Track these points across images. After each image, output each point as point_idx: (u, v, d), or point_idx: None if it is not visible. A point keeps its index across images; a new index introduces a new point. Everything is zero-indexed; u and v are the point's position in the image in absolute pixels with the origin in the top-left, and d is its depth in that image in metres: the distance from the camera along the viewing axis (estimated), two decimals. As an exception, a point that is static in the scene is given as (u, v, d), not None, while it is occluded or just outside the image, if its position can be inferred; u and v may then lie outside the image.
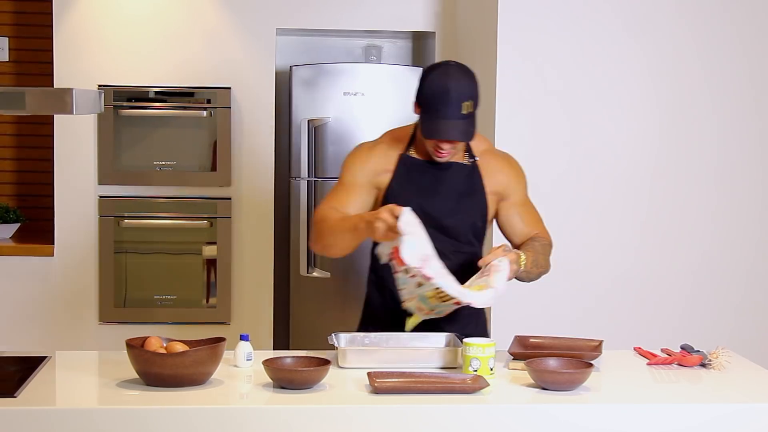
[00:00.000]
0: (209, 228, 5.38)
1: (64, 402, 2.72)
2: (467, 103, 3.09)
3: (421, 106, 3.14)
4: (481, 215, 3.26)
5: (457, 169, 3.25)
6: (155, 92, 5.33)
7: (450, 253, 3.22)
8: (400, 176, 3.25)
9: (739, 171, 4.63)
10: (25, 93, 2.78)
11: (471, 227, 3.25)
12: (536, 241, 3.25)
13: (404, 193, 3.23)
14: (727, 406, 2.70)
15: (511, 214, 3.30)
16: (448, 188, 3.24)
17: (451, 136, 3.10)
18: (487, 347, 2.88)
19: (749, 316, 4.67)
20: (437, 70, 3.14)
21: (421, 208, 3.18)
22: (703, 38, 4.57)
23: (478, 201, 3.25)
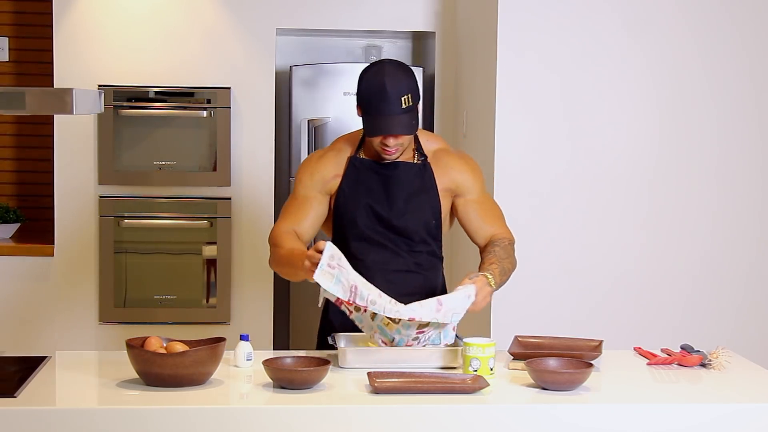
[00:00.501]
0: (209, 228, 5.38)
1: (64, 402, 2.72)
2: (405, 97, 3.13)
3: (361, 106, 3.18)
4: (433, 213, 3.26)
5: (407, 169, 3.26)
6: (155, 92, 5.33)
7: (404, 253, 3.26)
8: (350, 179, 3.27)
9: (740, 171, 4.63)
10: (25, 93, 2.78)
11: (424, 226, 3.26)
12: (497, 246, 3.25)
13: (354, 195, 3.26)
14: (727, 406, 2.70)
15: (469, 211, 3.31)
16: (398, 188, 3.26)
17: (394, 131, 3.12)
18: (487, 347, 2.88)
19: (749, 317, 4.67)
20: (372, 70, 3.18)
21: (371, 209, 3.24)
22: (704, 37, 4.56)
23: (430, 199, 3.26)
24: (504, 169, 4.51)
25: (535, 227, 4.53)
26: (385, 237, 3.24)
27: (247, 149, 5.40)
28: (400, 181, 3.25)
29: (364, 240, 3.26)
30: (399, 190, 3.25)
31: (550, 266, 4.57)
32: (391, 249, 3.25)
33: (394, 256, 3.26)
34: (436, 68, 5.53)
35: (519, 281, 4.54)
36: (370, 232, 3.25)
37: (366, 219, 3.25)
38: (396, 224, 3.25)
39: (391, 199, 3.25)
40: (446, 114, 5.54)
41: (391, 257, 3.26)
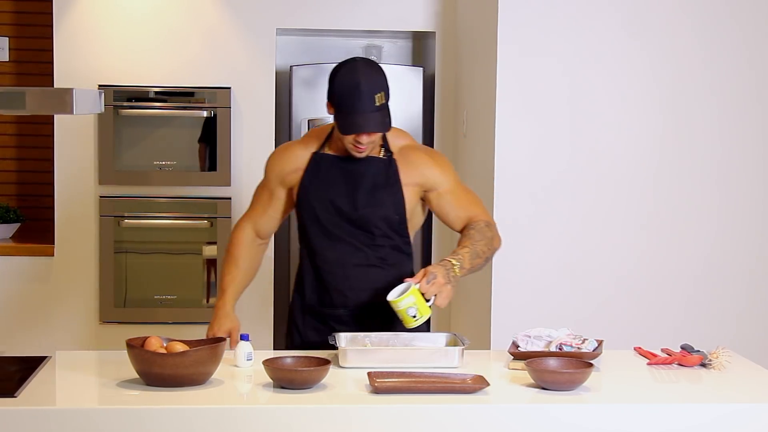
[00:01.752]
0: (209, 228, 5.38)
1: (64, 402, 2.72)
2: (379, 95, 3.14)
3: (334, 105, 3.19)
4: (395, 208, 3.27)
5: (370, 163, 3.27)
6: (155, 92, 5.33)
7: (365, 247, 3.29)
8: (311, 173, 3.30)
9: (742, 171, 4.63)
10: (25, 93, 2.79)
11: (384, 220, 3.27)
12: (471, 229, 3.26)
13: (315, 190, 3.29)
14: (727, 406, 2.70)
15: (443, 203, 3.32)
16: (359, 181, 3.27)
17: (370, 129, 3.14)
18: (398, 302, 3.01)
19: (750, 317, 4.66)
20: (345, 68, 3.20)
21: (332, 203, 3.27)
22: (706, 36, 4.56)
23: (393, 194, 3.26)
24: (504, 169, 4.51)
25: (536, 227, 4.53)
26: (346, 231, 3.28)
27: (247, 149, 5.40)
28: (363, 175, 3.27)
29: (325, 235, 3.29)
30: (361, 184, 3.27)
31: (551, 266, 4.57)
32: (352, 244, 3.28)
33: (354, 250, 3.28)
34: (436, 68, 5.53)
35: (519, 281, 4.55)
36: (331, 226, 3.28)
37: (327, 213, 3.28)
38: (356, 217, 3.26)
39: (352, 193, 3.27)
40: (446, 114, 5.54)
41: (352, 252, 3.28)
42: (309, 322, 3.37)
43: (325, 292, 3.33)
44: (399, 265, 3.32)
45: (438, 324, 5.56)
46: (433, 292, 3.05)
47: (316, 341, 3.33)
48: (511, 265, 4.52)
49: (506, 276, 4.53)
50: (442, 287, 3.06)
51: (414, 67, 5.54)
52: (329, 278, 3.30)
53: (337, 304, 3.31)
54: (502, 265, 4.49)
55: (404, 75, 5.49)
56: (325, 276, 3.31)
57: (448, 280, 3.07)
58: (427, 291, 3.04)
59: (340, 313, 3.31)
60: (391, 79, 5.42)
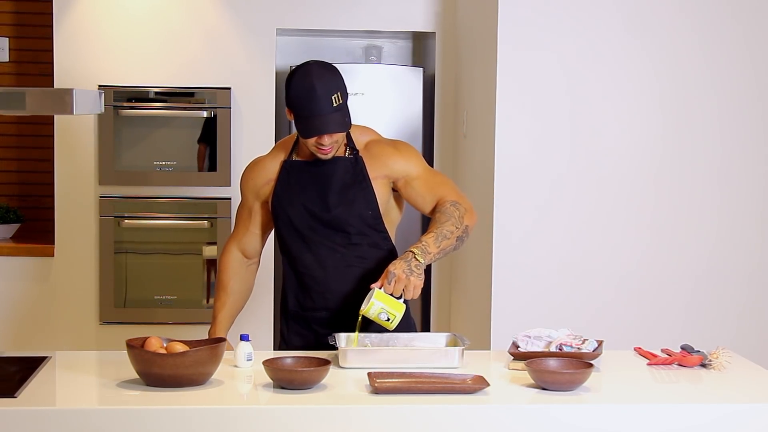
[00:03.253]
0: (209, 228, 5.38)
1: (64, 402, 2.72)
2: (335, 95, 3.16)
3: (292, 111, 3.20)
4: (368, 204, 3.27)
5: (337, 164, 3.28)
6: (155, 92, 5.33)
7: (341, 248, 3.29)
8: (283, 182, 3.33)
9: (743, 171, 4.63)
10: (25, 93, 2.79)
11: (358, 218, 3.28)
12: (437, 212, 3.25)
13: (288, 197, 3.31)
14: (727, 406, 2.70)
15: (410, 189, 3.31)
16: (328, 183, 3.28)
17: (330, 130, 3.15)
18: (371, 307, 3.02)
19: (751, 317, 4.66)
20: (298, 73, 3.20)
21: (305, 208, 3.29)
22: (707, 36, 4.56)
23: (363, 191, 3.27)
24: (504, 169, 4.51)
25: (536, 228, 4.53)
26: (321, 234, 3.29)
27: (247, 149, 5.40)
28: (332, 176, 3.28)
29: (301, 240, 3.31)
30: (331, 186, 3.28)
31: (551, 267, 4.57)
32: (328, 246, 3.29)
33: (331, 252, 3.29)
34: (436, 68, 5.53)
35: (519, 281, 4.55)
36: (305, 230, 3.29)
37: (300, 218, 3.29)
38: (329, 219, 3.27)
39: (323, 195, 3.28)
40: (446, 114, 5.54)
41: (329, 254, 3.29)
42: (293, 327, 3.39)
43: (306, 296, 3.34)
44: (379, 262, 3.31)
45: (438, 324, 5.56)
46: (399, 291, 3.06)
47: (299, 346, 3.35)
48: (511, 266, 4.52)
49: (506, 276, 4.53)
50: (405, 281, 3.06)
51: (414, 68, 5.54)
52: (309, 282, 3.32)
53: (318, 307, 3.32)
54: (502, 265, 4.49)
55: (404, 75, 5.49)
56: (306, 280, 3.33)
57: (411, 272, 3.07)
58: (393, 291, 3.06)
59: (321, 315, 3.32)
60: (391, 79, 5.48)
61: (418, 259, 3.09)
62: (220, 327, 3.40)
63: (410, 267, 3.07)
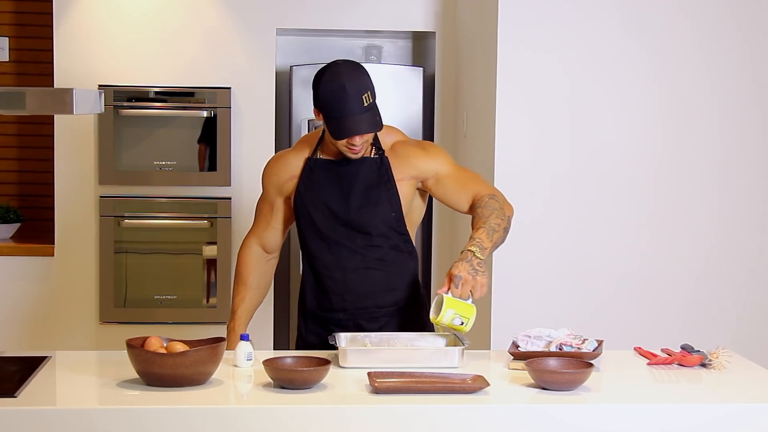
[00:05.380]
0: (209, 228, 5.38)
1: (64, 402, 2.71)
2: (366, 95, 3.13)
3: (322, 111, 3.18)
4: (391, 206, 3.25)
5: (362, 164, 3.26)
6: (155, 92, 5.33)
7: (363, 249, 3.26)
8: (306, 180, 3.30)
9: (742, 171, 4.63)
10: (25, 93, 2.79)
11: (382, 220, 3.25)
12: (478, 207, 3.21)
13: (311, 195, 3.29)
14: (727, 406, 2.70)
15: (444, 188, 3.29)
16: (352, 183, 3.26)
17: (363, 130, 3.13)
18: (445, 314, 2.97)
19: (750, 317, 4.66)
20: (328, 73, 3.19)
21: (327, 207, 3.26)
22: (706, 36, 4.56)
23: (388, 192, 3.25)
24: (504, 169, 4.51)
25: (536, 227, 4.53)
26: (343, 235, 3.26)
27: (247, 149, 5.40)
28: (356, 176, 3.26)
29: (322, 239, 3.28)
30: (355, 186, 3.25)
31: (551, 266, 4.57)
32: (349, 247, 3.26)
33: (352, 254, 3.26)
34: (436, 68, 5.53)
35: (519, 281, 4.55)
36: (327, 230, 3.27)
37: (323, 217, 3.27)
38: (352, 219, 3.25)
39: (346, 196, 3.26)
40: (446, 114, 5.54)
41: (350, 255, 3.27)
42: (310, 327, 3.37)
43: (324, 297, 3.32)
44: (400, 265, 3.31)
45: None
46: (467, 293, 3.01)
47: (316, 345, 3.33)
48: (511, 265, 4.52)
49: (506, 276, 4.53)
50: (472, 282, 3.02)
51: (414, 67, 5.54)
52: (328, 283, 3.30)
53: (337, 309, 3.31)
54: (502, 264, 4.49)
55: (404, 75, 5.49)
56: (325, 281, 3.30)
57: (476, 271, 3.02)
58: (461, 295, 3.01)
59: (340, 317, 3.31)
60: (391, 79, 5.47)
61: (478, 257, 3.04)
62: (239, 322, 3.36)
63: (473, 266, 3.03)
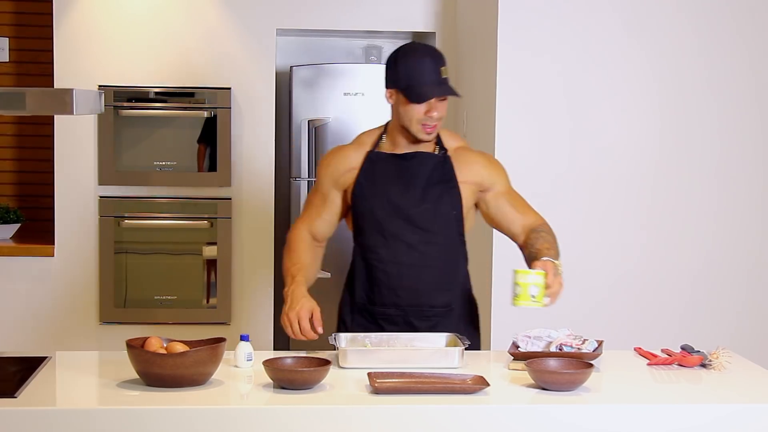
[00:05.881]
0: (209, 228, 5.38)
1: (64, 402, 2.72)
2: (443, 68, 3.18)
3: (399, 85, 3.19)
4: (452, 204, 3.25)
5: (425, 159, 3.26)
6: (155, 92, 5.33)
7: (420, 245, 3.25)
8: (366, 172, 3.28)
9: (741, 171, 4.63)
10: (25, 93, 2.79)
11: (441, 216, 3.24)
12: (543, 232, 3.26)
13: (371, 187, 3.27)
14: (727, 406, 2.70)
15: (501, 204, 3.31)
16: (414, 178, 3.25)
17: (444, 92, 3.16)
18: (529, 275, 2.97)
19: (750, 317, 4.66)
20: (404, 49, 3.22)
21: (388, 200, 3.24)
22: (705, 37, 4.56)
23: (449, 190, 3.25)
24: (504, 169, 4.50)
25: (535, 227, 4.53)
26: (402, 229, 3.24)
27: (247, 149, 5.40)
28: (418, 171, 3.25)
29: (380, 232, 3.26)
30: (417, 181, 3.24)
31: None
32: (407, 242, 3.24)
33: (409, 249, 3.24)
34: (436, 68, 5.52)
35: (519, 281, 4.54)
36: (386, 224, 3.25)
37: (383, 210, 3.25)
38: (413, 214, 3.23)
39: (408, 189, 3.24)
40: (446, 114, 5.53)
41: (406, 251, 3.25)
42: (357, 320, 3.35)
43: (376, 291, 3.30)
44: (454, 265, 3.30)
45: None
46: (557, 287, 3.03)
47: None
48: (511, 265, 4.51)
49: (506, 276, 4.51)
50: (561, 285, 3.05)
51: (414, 68, 5.53)
52: (382, 276, 3.27)
53: (388, 303, 3.29)
54: (501, 264, 4.49)
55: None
56: (378, 274, 3.28)
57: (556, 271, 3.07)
58: (552, 284, 3.02)
59: (390, 313, 3.29)
60: (391, 80, 5.46)
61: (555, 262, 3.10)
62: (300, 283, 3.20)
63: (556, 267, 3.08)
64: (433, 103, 3.17)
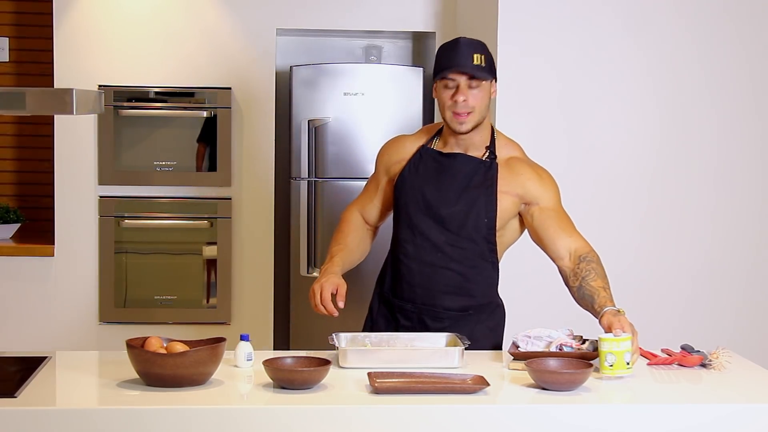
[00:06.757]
0: (209, 228, 5.38)
1: (64, 402, 2.72)
2: (478, 55, 3.12)
3: (435, 72, 3.17)
4: (486, 210, 3.22)
5: (467, 161, 3.24)
6: (155, 92, 5.33)
7: (446, 246, 3.24)
8: (412, 165, 3.29)
9: (739, 170, 4.63)
10: (25, 93, 2.79)
11: (472, 221, 3.22)
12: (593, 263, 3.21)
13: (411, 181, 3.27)
14: (727, 406, 2.70)
15: (545, 220, 3.26)
16: (454, 179, 3.23)
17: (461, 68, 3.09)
18: (622, 342, 2.87)
19: (749, 317, 4.67)
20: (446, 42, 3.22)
21: (423, 196, 3.24)
22: (703, 37, 4.57)
23: (486, 197, 3.21)
24: (504, 169, 4.50)
25: (535, 227, 4.53)
26: (430, 227, 3.23)
27: (247, 149, 5.40)
28: (459, 172, 3.23)
29: (409, 227, 3.26)
30: (455, 182, 3.23)
31: (550, 266, 4.55)
32: (433, 242, 3.23)
33: (433, 249, 3.24)
34: (436, 68, 5.52)
35: (519, 280, 4.54)
36: (416, 220, 3.24)
37: (415, 206, 3.25)
38: (443, 214, 3.22)
39: (444, 190, 3.23)
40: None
41: (432, 250, 3.24)
42: (382, 310, 3.37)
43: (398, 284, 3.31)
44: (479, 272, 3.28)
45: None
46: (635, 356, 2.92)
47: (383, 329, 3.32)
48: (511, 265, 4.51)
49: (506, 276, 4.52)
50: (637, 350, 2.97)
51: (414, 67, 5.53)
52: (404, 271, 3.28)
53: (406, 298, 3.29)
54: (502, 265, 4.48)
55: (404, 75, 5.49)
56: (401, 268, 3.28)
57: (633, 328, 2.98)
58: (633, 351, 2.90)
59: (407, 308, 3.30)
60: (391, 79, 5.48)
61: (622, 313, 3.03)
62: (336, 263, 3.24)
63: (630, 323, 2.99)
64: (461, 88, 3.13)
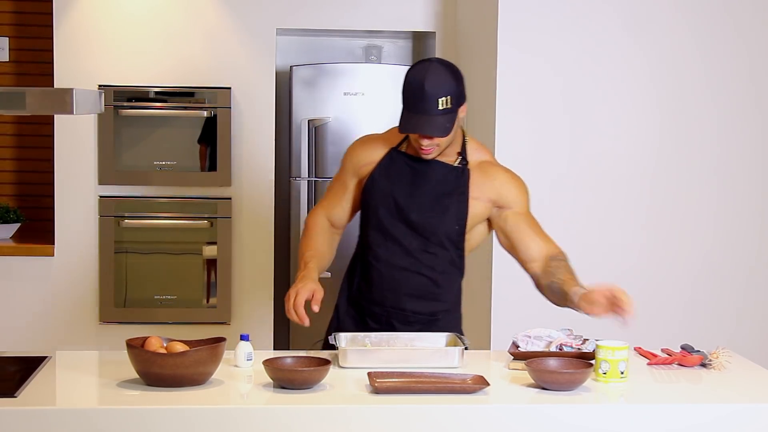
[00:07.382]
0: (209, 228, 5.38)
1: (64, 402, 2.72)
2: (443, 99, 3.07)
3: (402, 102, 3.14)
4: (457, 218, 3.21)
5: (440, 168, 3.22)
6: (155, 92, 5.33)
7: (416, 251, 3.23)
8: (382, 168, 3.26)
9: (740, 170, 4.63)
10: (25, 93, 2.79)
11: (443, 227, 3.22)
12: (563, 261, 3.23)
13: (381, 185, 3.25)
14: (727, 406, 2.70)
15: (519, 224, 3.25)
16: (425, 185, 3.23)
17: (425, 131, 3.08)
18: (618, 350, 2.86)
19: (750, 317, 4.67)
20: (417, 67, 3.15)
21: (394, 201, 3.22)
22: (704, 37, 4.56)
23: (458, 204, 3.21)
24: (504, 169, 4.50)
25: (535, 227, 4.53)
26: (402, 233, 3.23)
27: (247, 149, 5.40)
28: (430, 178, 3.22)
29: (380, 231, 3.25)
30: (427, 188, 3.22)
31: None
32: (405, 246, 3.23)
33: (404, 254, 3.24)
34: (436, 68, 5.52)
35: (519, 280, 4.54)
36: (387, 224, 3.24)
37: (386, 210, 3.24)
38: (415, 220, 3.21)
39: (416, 195, 3.22)
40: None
41: (402, 255, 3.24)
42: (350, 311, 3.36)
43: (367, 288, 3.30)
44: (448, 278, 3.28)
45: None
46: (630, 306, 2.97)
47: (351, 329, 3.30)
48: (511, 265, 4.51)
49: (506, 276, 4.53)
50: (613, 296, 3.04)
51: (414, 67, 5.53)
52: (375, 274, 3.27)
53: (376, 301, 3.29)
54: (502, 264, 4.48)
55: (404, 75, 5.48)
56: (372, 272, 3.28)
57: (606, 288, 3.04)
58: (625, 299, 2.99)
59: (375, 311, 3.29)
60: (391, 79, 5.47)
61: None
62: (312, 269, 3.22)
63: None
64: None
